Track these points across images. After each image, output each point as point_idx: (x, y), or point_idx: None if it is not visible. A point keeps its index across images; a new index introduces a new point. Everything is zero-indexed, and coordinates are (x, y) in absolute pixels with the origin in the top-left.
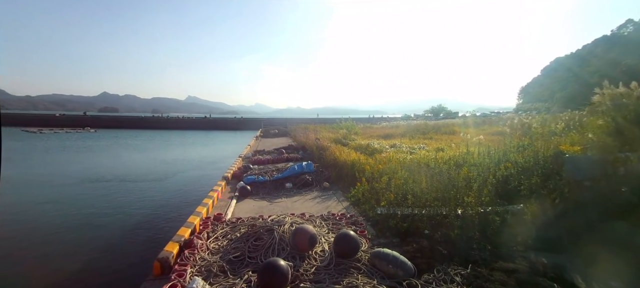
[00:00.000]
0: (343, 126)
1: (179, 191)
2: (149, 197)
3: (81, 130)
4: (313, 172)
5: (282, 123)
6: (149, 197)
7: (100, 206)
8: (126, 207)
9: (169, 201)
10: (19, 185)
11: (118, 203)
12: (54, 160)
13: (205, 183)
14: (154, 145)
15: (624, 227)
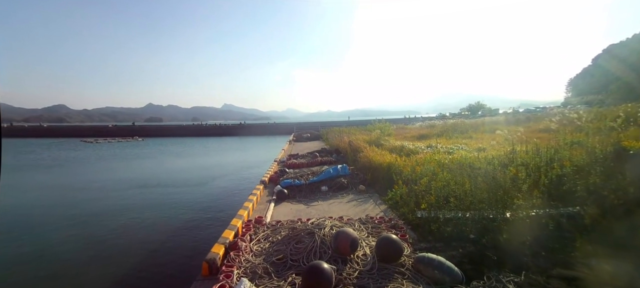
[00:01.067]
0: (376, 127)
1: (219, 195)
2: (193, 201)
3: (131, 139)
4: (348, 175)
5: (313, 127)
6: (192, 201)
7: (149, 210)
8: (172, 211)
9: (211, 205)
10: (75, 192)
11: (165, 208)
12: (106, 167)
13: (243, 187)
14: (194, 152)
15: None
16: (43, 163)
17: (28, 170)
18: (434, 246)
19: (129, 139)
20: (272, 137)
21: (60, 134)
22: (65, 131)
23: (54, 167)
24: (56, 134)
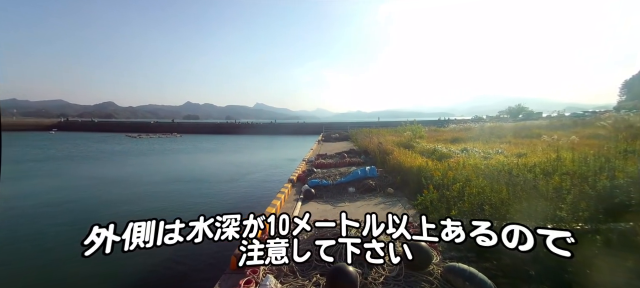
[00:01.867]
0: (407, 129)
1: (248, 191)
2: (223, 196)
3: (170, 135)
4: (376, 177)
5: (342, 127)
6: (222, 196)
7: (180, 203)
8: (203, 205)
9: (240, 201)
10: (113, 184)
11: (195, 202)
12: (145, 161)
13: (271, 185)
14: (226, 148)
15: None
16: (91, 155)
17: (78, 161)
18: (466, 256)
19: (168, 135)
20: (301, 136)
21: (109, 129)
22: (113, 126)
23: (99, 159)
24: (105, 128)
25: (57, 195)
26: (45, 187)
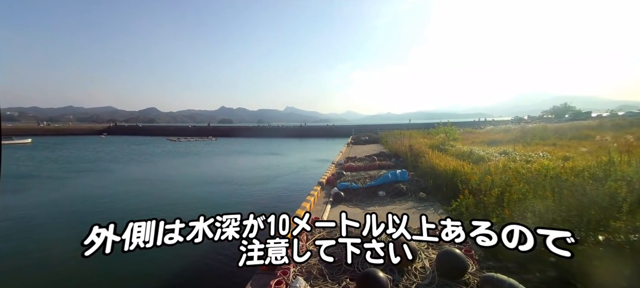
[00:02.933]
0: (440, 131)
1: (278, 193)
2: (253, 197)
3: (206, 138)
4: (407, 180)
5: (372, 130)
6: (252, 197)
7: (212, 204)
8: (233, 206)
9: (270, 202)
10: (151, 184)
11: (226, 202)
12: (182, 163)
13: (301, 187)
14: (257, 151)
15: None
16: (134, 158)
17: (123, 163)
18: (505, 266)
19: (204, 138)
20: (330, 139)
21: (152, 133)
22: (155, 130)
23: (141, 161)
24: (148, 132)
25: (96, 194)
26: (86, 188)
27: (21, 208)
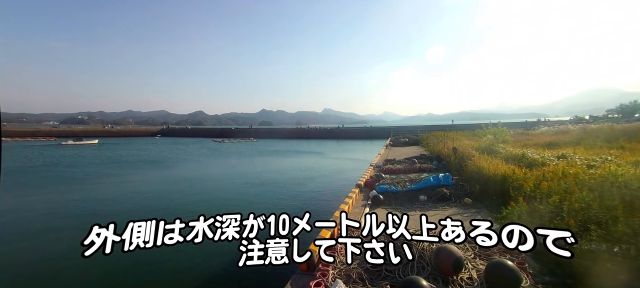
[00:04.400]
0: (488, 132)
1: (315, 195)
2: (289, 199)
3: (247, 140)
4: (451, 185)
5: (412, 131)
6: (290, 198)
7: (251, 204)
8: (273, 206)
9: (307, 204)
10: (193, 183)
11: (267, 202)
12: (224, 164)
13: (338, 190)
14: (295, 151)
15: None
16: (180, 157)
17: (174, 161)
18: (564, 282)
19: (246, 139)
20: (368, 140)
21: (199, 135)
22: (202, 132)
23: (188, 160)
24: (196, 134)
25: (141, 190)
26: (138, 184)
27: (78, 201)
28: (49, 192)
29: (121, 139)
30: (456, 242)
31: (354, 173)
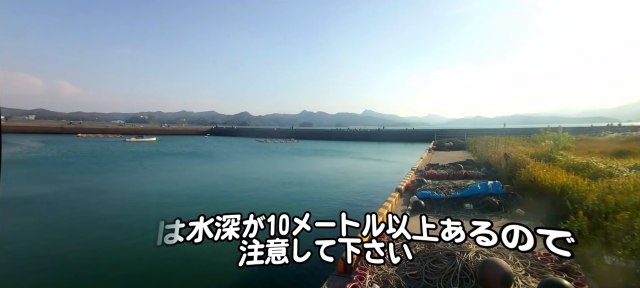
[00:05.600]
0: (547, 137)
1: (353, 198)
2: (326, 201)
3: (288, 140)
4: (501, 194)
5: (457, 134)
6: (326, 201)
7: (290, 203)
8: (311, 207)
9: (345, 206)
10: (233, 180)
11: (305, 202)
12: (267, 162)
13: (377, 193)
14: (334, 153)
15: None
16: (223, 153)
17: (222, 159)
18: None
19: (287, 140)
20: (410, 144)
21: (244, 134)
22: (247, 132)
23: (233, 158)
24: (241, 134)
25: (187, 185)
26: (184, 179)
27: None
28: (115, 178)
29: (175, 137)
30: (456, 242)
31: (394, 176)
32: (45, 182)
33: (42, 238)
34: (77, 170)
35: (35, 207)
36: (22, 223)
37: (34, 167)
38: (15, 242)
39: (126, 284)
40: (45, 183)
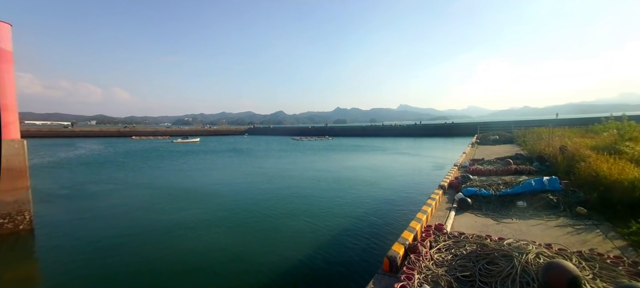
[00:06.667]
0: (609, 127)
1: (392, 196)
2: (365, 199)
3: (323, 138)
4: (559, 190)
5: (503, 127)
6: (364, 199)
7: (329, 200)
8: (350, 206)
9: (384, 205)
10: (273, 179)
11: (343, 201)
12: (302, 159)
13: (417, 190)
14: (369, 149)
15: None
16: (266, 154)
17: (259, 157)
18: None
19: (322, 138)
20: (449, 138)
21: (280, 133)
22: (283, 131)
23: (270, 157)
24: (277, 133)
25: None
26: (226, 175)
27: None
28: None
29: (217, 137)
30: None
31: (435, 173)
32: (107, 180)
33: (103, 225)
34: (130, 168)
35: (97, 200)
36: (89, 213)
37: (96, 167)
38: (81, 229)
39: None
40: (105, 183)
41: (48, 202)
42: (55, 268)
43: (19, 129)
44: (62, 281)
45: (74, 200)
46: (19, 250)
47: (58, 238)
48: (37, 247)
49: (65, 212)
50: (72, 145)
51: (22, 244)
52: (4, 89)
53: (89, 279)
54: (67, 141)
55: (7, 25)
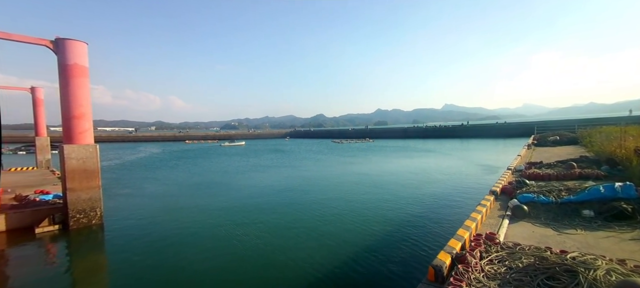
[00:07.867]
0: None
1: (437, 201)
2: (409, 204)
3: (364, 140)
4: (634, 198)
5: (565, 126)
6: (408, 204)
7: (374, 206)
8: (394, 212)
9: (430, 211)
10: (316, 182)
11: (386, 207)
12: (341, 162)
13: (464, 195)
14: (413, 149)
15: None
16: (307, 156)
17: (303, 160)
18: None
19: (362, 140)
20: (501, 139)
21: (320, 136)
22: (323, 134)
23: (311, 160)
24: (318, 136)
25: (274, 184)
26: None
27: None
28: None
29: (261, 140)
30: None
31: (485, 177)
32: (164, 180)
33: (161, 221)
34: (182, 170)
35: (155, 199)
36: (149, 210)
37: (153, 169)
38: (144, 224)
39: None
40: (162, 182)
41: (114, 199)
42: (123, 258)
43: (93, 135)
44: (129, 271)
45: (136, 198)
46: (92, 241)
47: (124, 232)
48: (106, 239)
49: (129, 208)
50: (135, 149)
51: (94, 237)
52: (82, 99)
53: (150, 269)
54: (131, 145)
55: (84, 44)
